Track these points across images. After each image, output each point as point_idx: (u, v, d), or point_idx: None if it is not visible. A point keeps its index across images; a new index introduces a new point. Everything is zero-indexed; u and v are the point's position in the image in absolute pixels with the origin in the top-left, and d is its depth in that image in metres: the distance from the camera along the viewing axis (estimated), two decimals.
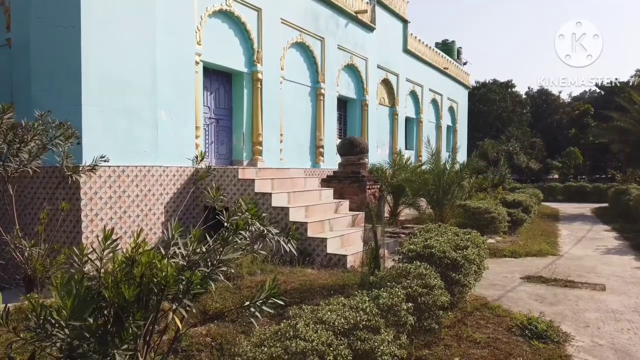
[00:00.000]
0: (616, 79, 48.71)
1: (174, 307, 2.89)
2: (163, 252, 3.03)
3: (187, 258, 2.97)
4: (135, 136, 7.79)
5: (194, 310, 3.59)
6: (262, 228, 2.89)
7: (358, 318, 3.25)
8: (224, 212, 3.18)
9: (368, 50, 15.93)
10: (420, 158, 20.07)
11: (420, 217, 12.86)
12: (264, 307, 2.86)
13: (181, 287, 2.83)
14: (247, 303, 2.90)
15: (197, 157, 3.70)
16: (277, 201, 8.36)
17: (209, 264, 3.00)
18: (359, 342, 3.06)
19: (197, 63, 9.26)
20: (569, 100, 58.16)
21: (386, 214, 13.64)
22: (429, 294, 4.30)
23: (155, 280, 2.67)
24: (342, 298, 3.77)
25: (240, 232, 2.79)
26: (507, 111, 48.64)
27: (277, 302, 2.85)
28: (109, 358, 2.47)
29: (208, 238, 3.09)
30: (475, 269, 5.50)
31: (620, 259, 9.31)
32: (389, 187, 13.22)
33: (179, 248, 3.08)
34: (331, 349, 2.80)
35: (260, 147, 11.02)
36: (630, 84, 42.96)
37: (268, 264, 7.11)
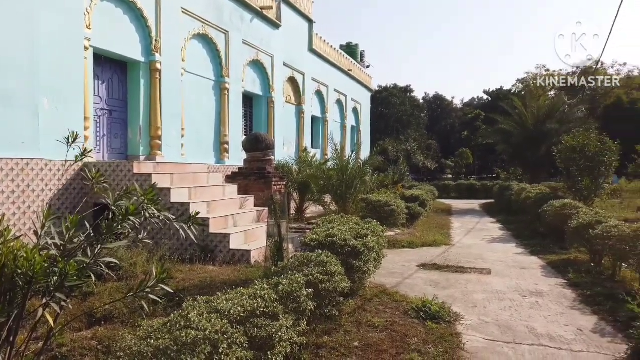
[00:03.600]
0: (502, 86, 53.78)
1: (46, 302, 2.56)
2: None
3: (61, 248, 2.65)
4: (10, 125, 6.95)
5: (70, 306, 3.22)
6: (158, 214, 2.64)
7: (256, 305, 3.14)
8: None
9: (274, 47, 15.86)
10: (326, 156, 20.41)
11: (326, 214, 13.04)
12: (151, 296, 2.64)
13: (54, 279, 2.51)
14: (131, 293, 2.65)
15: (68, 138, 3.31)
16: (176, 196, 7.96)
17: (89, 254, 2.70)
18: (255, 329, 2.95)
19: (86, 48, 8.53)
20: (461, 105, 63.01)
21: (292, 211, 13.68)
22: (330, 281, 4.31)
23: (20, 271, 2.34)
24: (242, 288, 3.63)
25: (129, 217, 2.53)
26: (406, 114, 51.36)
27: (166, 289, 2.65)
28: None
29: (88, 226, 2.79)
30: (375, 257, 5.65)
31: (503, 247, 10.18)
32: (295, 184, 13.27)
33: (52, 238, 2.74)
34: (225, 337, 2.66)
35: (160, 142, 10.45)
36: (513, 91, 47.70)
37: (166, 262, 6.72)
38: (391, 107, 50.72)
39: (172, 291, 2.66)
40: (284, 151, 16.77)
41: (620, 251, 6.39)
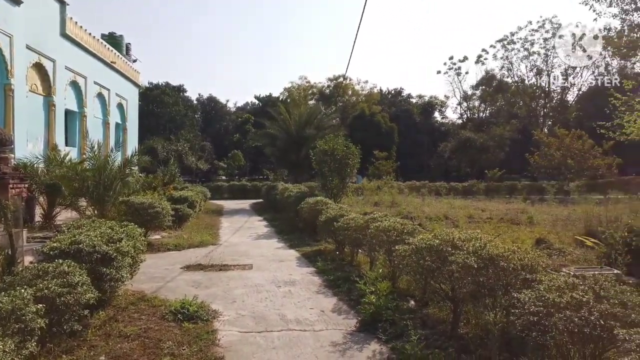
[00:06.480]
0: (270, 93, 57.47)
1: None
2: None
3: None
4: None
5: None
6: None
7: None
8: None
9: (13, 26, 13.39)
10: (84, 155, 18.27)
11: (82, 220, 11.68)
12: None
13: None
14: None
15: None
16: None
17: None
18: None
19: None
20: (234, 109, 64.83)
21: (39, 218, 11.83)
22: (72, 293, 3.87)
23: None
24: None
25: None
26: (179, 114, 50.19)
27: None
28: None
29: None
30: (130, 262, 5.31)
31: (267, 242, 10.86)
32: (42, 187, 11.50)
33: None
34: None
35: None
36: (280, 98, 51.54)
37: None
38: (163, 105, 48.83)
39: None
40: (28, 148, 14.34)
41: (355, 239, 7.51)
